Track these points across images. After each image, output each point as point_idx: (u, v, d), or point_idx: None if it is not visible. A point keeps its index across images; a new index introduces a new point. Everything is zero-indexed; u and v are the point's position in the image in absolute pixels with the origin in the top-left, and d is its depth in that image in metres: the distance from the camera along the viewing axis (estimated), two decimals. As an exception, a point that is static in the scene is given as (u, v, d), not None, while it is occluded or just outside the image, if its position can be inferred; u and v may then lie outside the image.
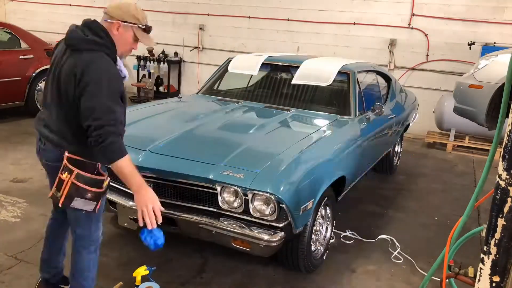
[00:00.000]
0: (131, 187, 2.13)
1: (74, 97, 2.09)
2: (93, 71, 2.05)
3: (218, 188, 2.69)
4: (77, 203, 2.16)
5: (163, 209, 2.19)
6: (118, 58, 2.23)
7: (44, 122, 2.29)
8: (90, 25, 2.18)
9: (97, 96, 2.03)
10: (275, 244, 2.60)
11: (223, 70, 4.77)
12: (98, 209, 2.25)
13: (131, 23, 2.21)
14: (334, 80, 4.38)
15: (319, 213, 3.13)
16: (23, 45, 6.95)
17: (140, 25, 2.24)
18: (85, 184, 2.14)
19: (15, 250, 3.27)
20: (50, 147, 2.26)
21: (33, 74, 6.88)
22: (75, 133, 2.16)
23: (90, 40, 2.11)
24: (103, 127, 2.01)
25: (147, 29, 2.27)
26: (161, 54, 9.42)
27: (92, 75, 2.04)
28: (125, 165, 2.09)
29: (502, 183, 1.46)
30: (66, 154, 2.16)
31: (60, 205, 2.16)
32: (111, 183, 2.25)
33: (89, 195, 2.17)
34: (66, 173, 2.13)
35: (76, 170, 2.13)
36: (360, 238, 3.78)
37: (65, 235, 2.67)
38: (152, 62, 9.35)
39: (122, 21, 2.19)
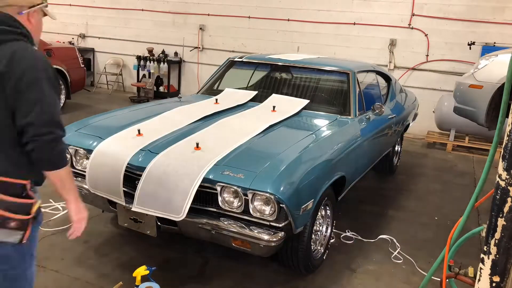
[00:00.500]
0: (70, 196, 1.83)
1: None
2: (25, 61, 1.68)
3: (218, 188, 2.69)
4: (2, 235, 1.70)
5: None
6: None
7: None
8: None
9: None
10: (275, 244, 2.60)
11: (223, 70, 4.77)
12: (27, 241, 1.80)
13: (39, 5, 1.85)
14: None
15: (319, 213, 3.12)
16: (23, 45, 6.94)
17: (45, 4, 1.90)
18: (6, 210, 1.67)
19: (15, 250, 3.27)
20: None
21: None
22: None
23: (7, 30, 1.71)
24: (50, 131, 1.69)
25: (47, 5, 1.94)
26: (161, 54, 9.43)
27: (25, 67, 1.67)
28: (69, 171, 1.80)
29: (502, 183, 1.46)
30: None
31: None
32: None
33: (12, 223, 1.70)
34: None
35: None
36: (360, 238, 3.78)
37: None
38: (152, 62, 9.36)
39: (32, 7, 1.82)
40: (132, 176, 2.94)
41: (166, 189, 2.70)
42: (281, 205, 2.58)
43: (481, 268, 1.58)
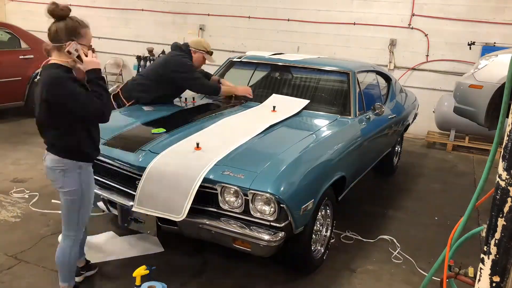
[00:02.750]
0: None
1: None
2: None
3: (218, 188, 2.69)
4: None
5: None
6: None
7: None
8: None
9: None
10: (275, 244, 2.60)
11: (223, 70, 4.77)
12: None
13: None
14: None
15: (319, 213, 3.12)
16: (23, 45, 6.95)
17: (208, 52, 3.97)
18: None
19: (15, 250, 3.27)
20: None
21: (33, 74, 6.88)
22: None
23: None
24: None
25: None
26: (161, 54, 9.42)
27: None
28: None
29: (502, 183, 1.46)
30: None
31: None
32: (110, 183, 2.27)
33: None
34: None
35: None
36: (360, 238, 3.78)
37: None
38: (152, 62, 9.35)
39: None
40: (132, 176, 2.94)
41: (166, 189, 2.70)
42: (281, 205, 2.58)
43: (481, 268, 1.58)
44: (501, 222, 1.48)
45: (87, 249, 3.12)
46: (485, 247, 1.55)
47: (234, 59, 4.78)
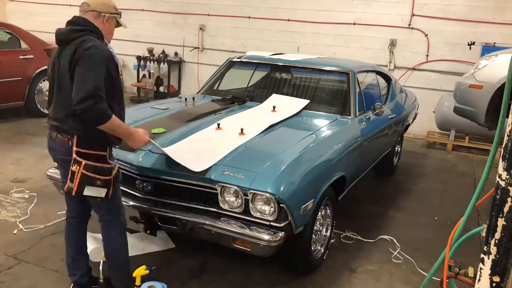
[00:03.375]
0: (123, 136, 2.45)
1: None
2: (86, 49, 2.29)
3: (218, 188, 2.69)
4: (88, 191, 2.36)
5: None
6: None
7: (52, 118, 2.48)
8: (74, 20, 2.44)
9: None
10: (275, 244, 2.60)
11: (223, 70, 4.77)
12: (111, 195, 2.44)
13: (113, 13, 2.54)
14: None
15: (319, 213, 3.12)
16: (23, 45, 6.95)
17: (118, 14, 2.58)
18: (93, 173, 2.35)
19: (15, 250, 3.27)
20: (59, 141, 2.43)
21: (33, 74, 6.89)
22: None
23: (77, 29, 2.38)
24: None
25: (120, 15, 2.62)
26: (161, 54, 9.42)
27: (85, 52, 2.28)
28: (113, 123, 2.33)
29: (502, 183, 1.46)
30: (75, 148, 2.34)
31: (73, 193, 2.37)
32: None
33: (99, 182, 2.37)
34: (76, 165, 2.34)
35: (84, 161, 2.33)
36: (360, 238, 3.78)
37: (84, 234, 2.77)
38: (152, 62, 9.35)
39: (109, 14, 2.51)
40: (132, 176, 2.94)
41: (199, 150, 2.92)
42: (281, 205, 2.58)
43: (481, 268, 1.58)
44: (501, 222, 1.48)
45: (99, 246, 3.12)
46: (485, 247, 1.55)
47: (234, 59, 4.78)
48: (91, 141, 2.37)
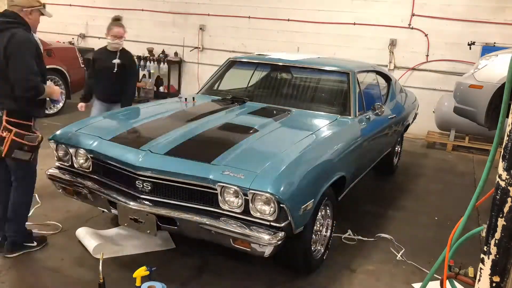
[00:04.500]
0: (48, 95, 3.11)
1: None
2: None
3: (218, 188, 2.69)
4: (17, 154, 2.96)
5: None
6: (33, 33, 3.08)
7: None
8: (4, 13, 2.97)
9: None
10: (275, 244, 2.60)
11: (224, 70, 4.77)
12: (33, 159, 3.08)
13: (36, 6, 3.07)
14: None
15: (319, 213, 3.12)
16: (23, 45, 6.93)
17: (42, 6, 3.11)
18: (22, 139, 2.95)
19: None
20: None
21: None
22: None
23: (8, 21, 2.92)
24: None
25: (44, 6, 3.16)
26: (161, 54, 9.42)
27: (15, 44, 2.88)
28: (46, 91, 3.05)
29: (502, 183, 1.46)
30: (5, 117, 2.94)
31: (3, 155, 2.95)
32: (110, 184, 2.31)
33: (26, 148, 2.98)
34: (6, 131, 2.93)
35: (14, 129, 2.94)
36: (360, 238, 3.78)
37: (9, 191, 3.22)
38: (152, 62, 9.35)
39: (32, 7, 3.03)
40: (132, 176, 2.93)
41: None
42: (281, 205, 2.57)
43: (481, 268, 1.58)
44: (501, 222, 1.48)
45: (103, 242, 3.17)
46: (485, 247, 1.55)
47: (235, 59, 4.78)
48: (20, 113, 2.97)
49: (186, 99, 4.27)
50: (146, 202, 2.88)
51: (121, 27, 4.57)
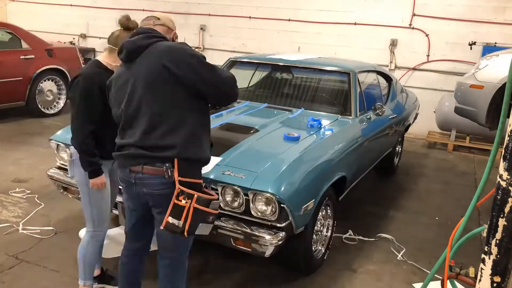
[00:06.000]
0: None
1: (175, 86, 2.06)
2: (184, 50, 2.12)
3: (219, 188, 2.69)
4: (201, 228, 2.05)
5: None
6: None
7: (132, 145, 2.11)
8: (146, 29, 2.27)
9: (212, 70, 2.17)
10: (276, 244, 2.60)
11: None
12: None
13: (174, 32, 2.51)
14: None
15: (320, 213, 3.12)
16: (24, 45, 6.96)
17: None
18: (205, 206, 2.04)
19: (16, 250, 3.27)
20: (151, 172, 2.07)
21: (34, 74, 6.89)
22: (187, 133, 2.06)
23: (151, 35, 2.19)
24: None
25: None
26: (161, 54, 9.42)
27: (187, 56, 2.11)
28: None
29: (503, 183, 1.46)
30: (178, 178, 2.02)
31: (186, 233, 2.00)
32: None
33: (211, 218, 2.08)
34: (186, 198, 2.00)
35: (196, 194, 2.01)
36: (361, 238, 3.77)
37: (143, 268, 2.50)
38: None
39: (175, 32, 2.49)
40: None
41: None
42: (282, 205, 2.58)
43: (482, 269, 1.58)
44: (502, 222, 1.48)
45: (107, 242, 3.12)
46: (486, 247, 1.55)
47: (236, 59, 4.78)
48: (192, 166, 2.11)
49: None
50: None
51: None
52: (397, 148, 5.48)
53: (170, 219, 2.00)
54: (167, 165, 2.03)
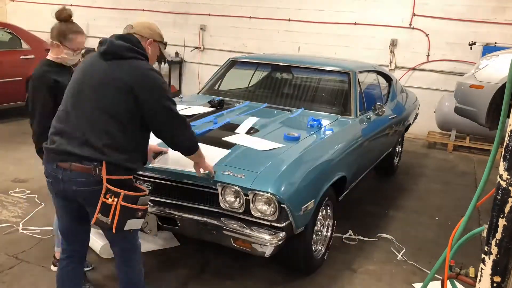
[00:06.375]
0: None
1: (132, 106, 2.11)
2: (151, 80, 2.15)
3: (219, 188, 2.69)
4: (131, 225, 2.11)
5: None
6: None
7: (67, 137, 2.12)
8: (128, 37, 2.25)
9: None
10: (276, 244, 2.60)
11: (224, 70, 4.77)
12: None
13: (158, 41, 2.41)
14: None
15: (320, 213, 3.12)
16: (24, 45, 6.96)
17: (163, 43, 2.47)
18: (133, 204, 2.08)
19: (16, 250, 3.27)
20: (78, 169, 2.08)
21: (34, 74, 6.89)
22: (120, 142, 2.11)
23: (133, 49, 2.19)
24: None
25: (166, 45, 2.52)
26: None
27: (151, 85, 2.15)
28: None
29: (503, 183, 1.46)
30: (106, 176, 2.05)
31: (113, 230, 2.05)
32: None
33: (140, 214, 2.13)
34: (113, 196, 2.04)
35: (123, 192, 2.04)
36: (361, 238, 3.78)
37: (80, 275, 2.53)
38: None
39: (153, 40, 2.37)
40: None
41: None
42: (282, 205, 2.58)
43: (482, 269, 1.58)
44: (502, 222, 1.48)
45: (105, 244, 3.12)
46: (486, 247, 1.55)
47: (236, 59, 4.78)
48: (121, 166, 2.13)
49: (186, 99, 4.26)
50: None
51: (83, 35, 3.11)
52: (397, 148, 5.48)
53: (99, 216, 2.05)
54: (95, 163, 2.06)
